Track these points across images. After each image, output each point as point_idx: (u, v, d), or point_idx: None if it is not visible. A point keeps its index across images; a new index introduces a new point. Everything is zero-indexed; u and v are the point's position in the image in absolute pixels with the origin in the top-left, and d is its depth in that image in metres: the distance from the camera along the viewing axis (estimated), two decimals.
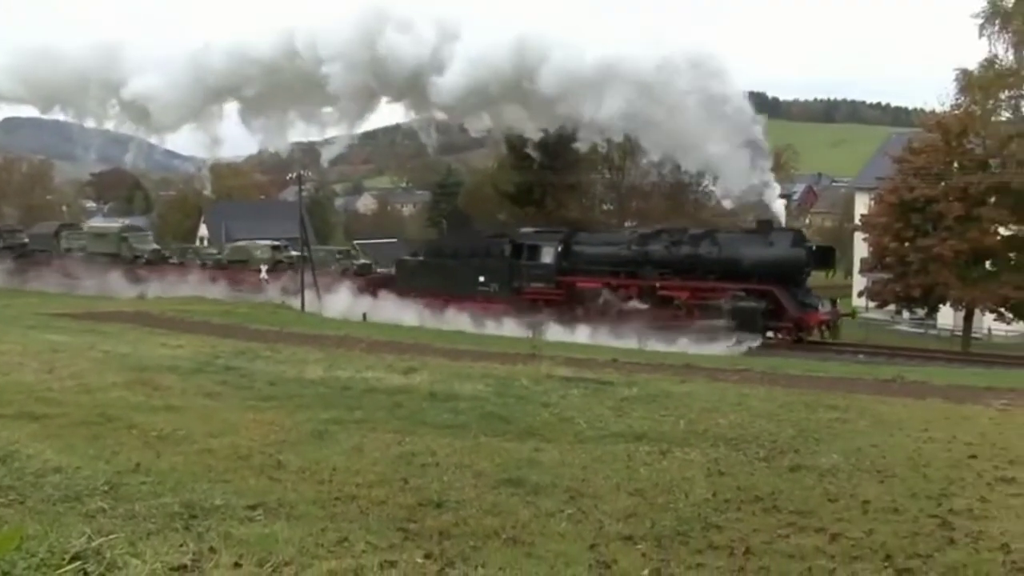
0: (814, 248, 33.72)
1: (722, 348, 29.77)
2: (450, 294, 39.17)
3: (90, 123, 51.60)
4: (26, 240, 61.93)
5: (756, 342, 30.93)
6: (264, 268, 47.78)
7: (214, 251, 58.36)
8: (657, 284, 34.31)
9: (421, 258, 42.88)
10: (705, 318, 32.20)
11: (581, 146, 42.72)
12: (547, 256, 37.43)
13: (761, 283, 31.99)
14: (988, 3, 36.61)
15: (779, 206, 35.15)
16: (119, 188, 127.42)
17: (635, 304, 34.48)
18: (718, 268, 33.15)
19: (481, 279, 39.09)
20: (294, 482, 7.49)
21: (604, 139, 42.12)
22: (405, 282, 42.00)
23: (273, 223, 66.71)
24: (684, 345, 29.41)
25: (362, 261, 50.57)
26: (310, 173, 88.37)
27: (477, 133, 46.36)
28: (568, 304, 36.28)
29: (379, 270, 49.06)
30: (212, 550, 5.35)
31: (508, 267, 38.42)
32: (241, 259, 52.09)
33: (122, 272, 51.25)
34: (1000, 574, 5.62)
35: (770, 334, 32.02)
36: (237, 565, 5.13)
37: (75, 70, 44.52)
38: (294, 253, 50.36)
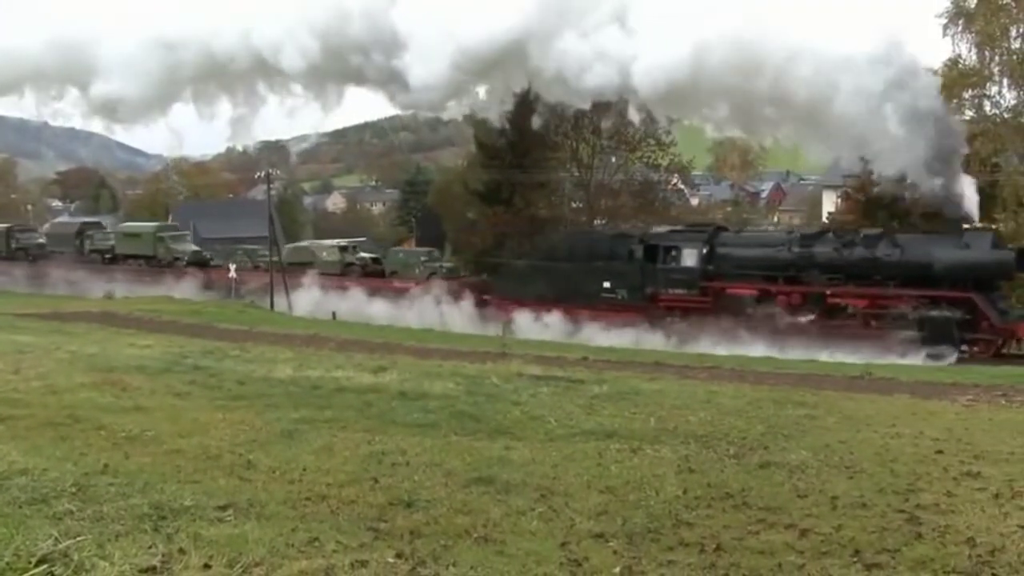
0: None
1: (916, 361, 26.35)
2: (566, 302, 35.27)
3: (52, 118, 50.64)
4: (42, 240, 58.49)
5: (951, 356, 27.66)
6: (232, 267, 46.56)
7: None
8: (827, 291, 30.73)
9: (529, 261, 38.32)
10: (883, 328, 29.07)
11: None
12: (689, 258, 33.44)
13: (957, 289, 28.73)
14: (952, 3, 37.01)
15: (973, 202, 30.38)
16: (85, 187, 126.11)
17: (795, 313, 30.90)
18: (900, 273, 29.76)
19: (606, 285, 35.10)
20: (264, 482, 7.45)
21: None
22: (508, 289, 38.25)
23: (242, 222, 66.46)
24: (866, 359, 24.57)
25: (449, 264, 46.70)
26: (279, 171, 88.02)
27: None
28: (714, 313, 32.20)
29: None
30: (181, 551, 5.31)
31: (639, 271, 34.44)
32: (303, 261, 47.23)
33: (158, 277, 47.61)
34: (966, 567, 5.68)
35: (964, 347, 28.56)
36: (207, 566, 5.10)
37: (36, 66, 43.36)
38: (365, 255, 47.35)
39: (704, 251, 33.19)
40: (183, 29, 39.74)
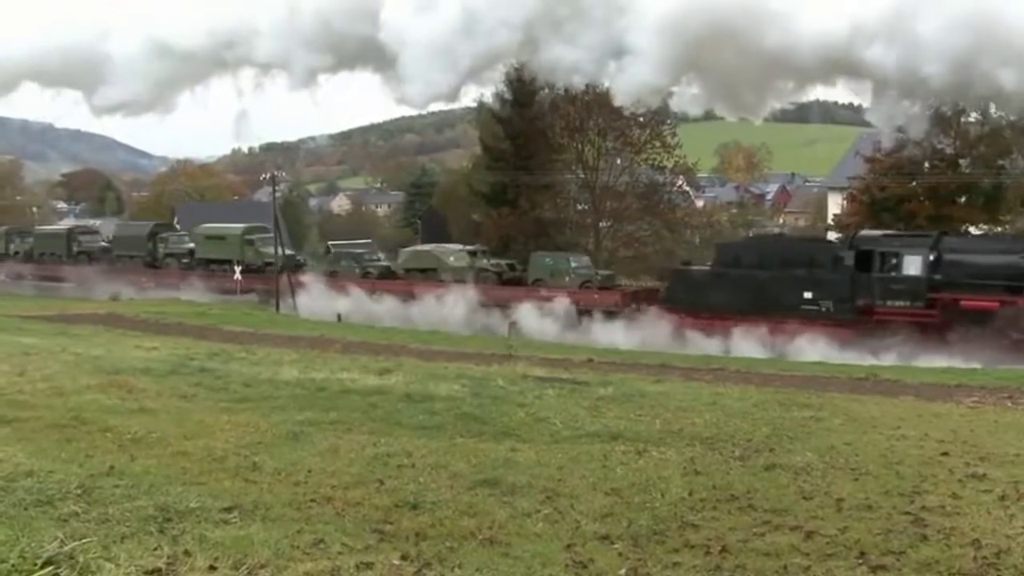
0: None
1: None
2: (757, 314, 31.47)
3: (56, 119, 50.34)
4: (104, 243, 54.91)
5: None
6: (238, 269, 46.18)
7: (378, 256, 48.00)
8: None
9: (711, 269, 35.01)
10: None
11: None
12: (912, 266, 29.70)
13: None
14: None
15: None
16: (90, 189, 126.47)
17: None
18: None
19: (807, 295, 31.25)
20: (269, 484, 7.46)
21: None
22: (684, 300, 34.40)
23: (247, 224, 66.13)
24: None
25: (606, 271, 41.94)
26: (283, 173, 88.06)
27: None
28: (943, 328, 28.49)
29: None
30: (187, 553, 5.32)
31: (848, 280, 30.75)
32: (425, 267, 43.07)
33: (250, 285, 44.55)
34: (972, 569, 5.67)
35: None
36: (212, 568, 5.10)
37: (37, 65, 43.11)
38: (503, 262, 42.96)
39: (931, 258, 29.64)
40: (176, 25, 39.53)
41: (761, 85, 33.78)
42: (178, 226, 61.36)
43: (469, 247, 43.70)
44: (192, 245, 50.72)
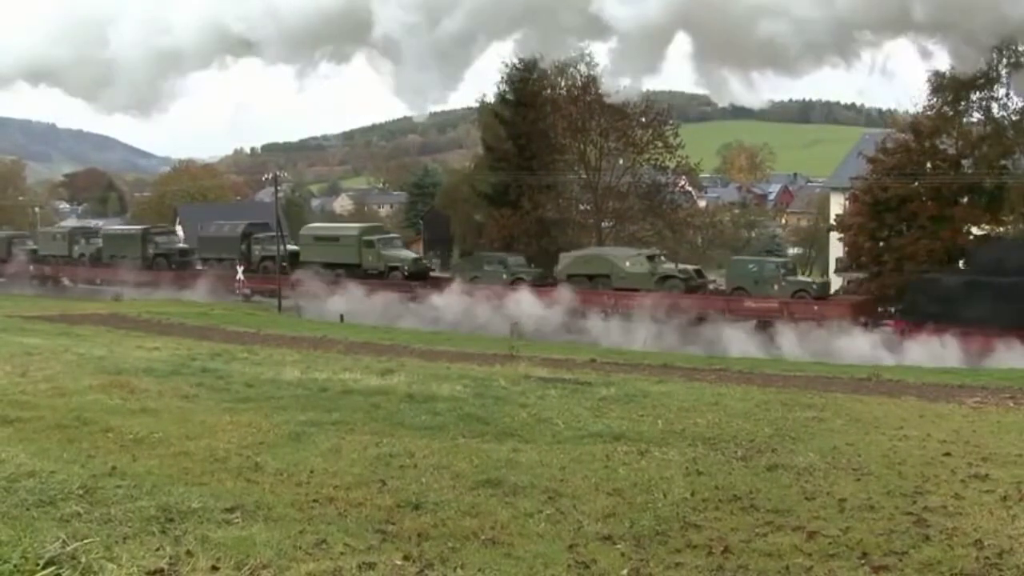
0: None
1: None
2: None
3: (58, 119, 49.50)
4: (182, 244, 51.15)
5: None
6: (240, 270, 45.62)
7: (526, 261, 43.05)
8: None
9: (967, 277, 31.07)
10: None
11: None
12: None
13: None
14: None
15: None
16: (92, 189, 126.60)
17: None
18: None
19: None
20: (271, 484, 7.46)
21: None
22: (929, 310, 30.51)
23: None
24: None
25: (819, 279, 38.43)
26: (285, 173, 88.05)
27: None
28: None
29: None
30: (189, 553, 5.31)
31: None
32: (595, 273, 38.72)
33: (383, 295, 39.54)
34: (974, 570, 5.66)
35: None
36: (214, 568, 5.10)
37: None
38: (688, 267, 39.12)
39: None
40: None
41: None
42: (179, 227, 60.65)
43: (646, 251, 39.69)
44: (295, 247, 46.26)
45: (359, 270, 43.06)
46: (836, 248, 48.95)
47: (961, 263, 34.47)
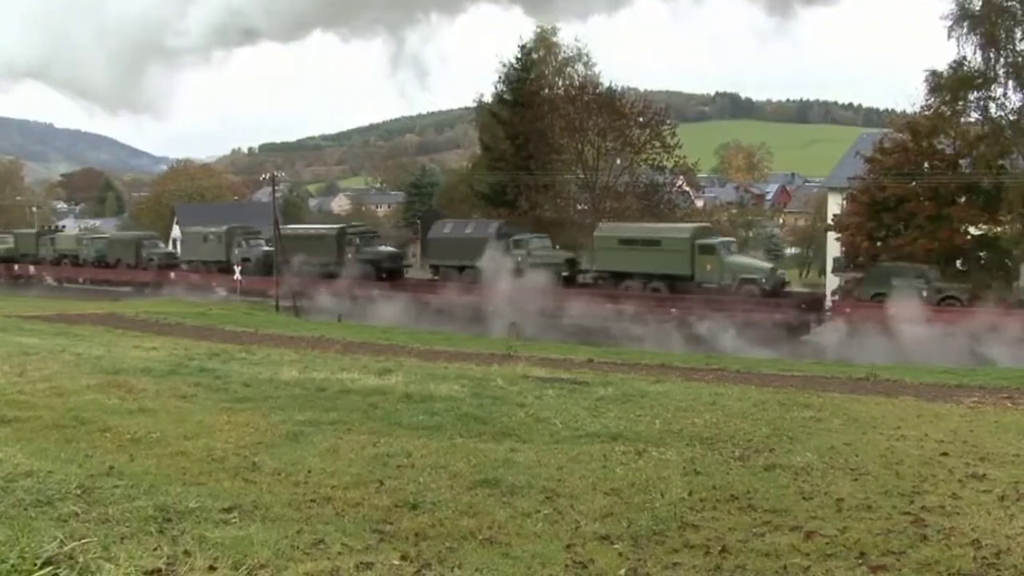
0: None
1: None
2: None
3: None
4: (388, 247, 44.96)
5: None
6: (238, 268, 45.47)
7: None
8: None
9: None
10: None
11: None
12: None
13: None
14: (956, 5, 36.94)
15: None
16: (90, 189, 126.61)
17: None
18: None
19: None
20: (269, 484, 7.46)
21: None
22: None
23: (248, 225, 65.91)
24: None
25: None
26: (283, 173, 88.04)
27: None
28: None
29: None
30: (187, 553, 5.31)
31: None
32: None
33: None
34: (972, 570, 5.67)
35: None
36: (212, 568, 5.10)
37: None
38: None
39: None
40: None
41: None
42: (177, 227, 60.61)
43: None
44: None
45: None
46: (834, 248, 48.98)
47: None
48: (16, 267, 58.87)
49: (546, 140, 50.19)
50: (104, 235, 60.12)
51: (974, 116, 38.42)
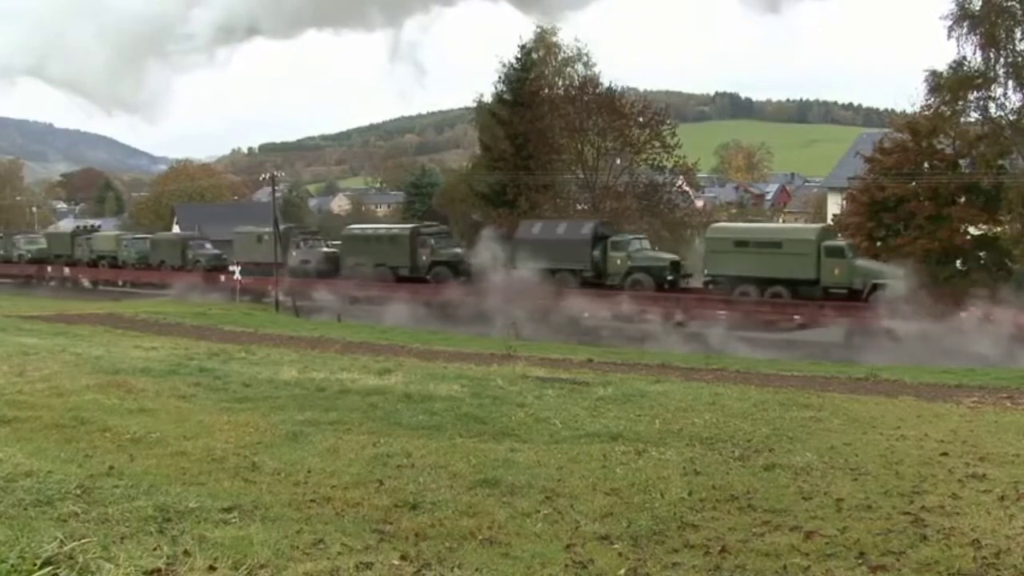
0: None
1: None
2: None
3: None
4: (456, 247, 42.16)
5: None
6: (237, 268, 45.35)
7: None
8: None
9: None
10: None
11: None
12: None
13: None
14: (956, 5, 36.95)
15: None
16: (90, 189, 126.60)
17: None
18: None
19: None
20: (269, 484, 7.46)
21: None
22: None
23: (247, 225, 65.90)
24: None
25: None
26: (283, 174, 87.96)
27: None
28: None
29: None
30: (187, 553, 5.31)
31: None
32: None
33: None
34: (971, 570, 5.67)
35: None
36: (212, 568, 5.10)
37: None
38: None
39: None
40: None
41: None
42: (177, 227, 60.41)
43: None
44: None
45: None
46: None
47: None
48: (49, 268, 56.57)
49: (546, 140, 50.17)
50: (146, 236, 57.34)
51: (974, 116, 38.44)
